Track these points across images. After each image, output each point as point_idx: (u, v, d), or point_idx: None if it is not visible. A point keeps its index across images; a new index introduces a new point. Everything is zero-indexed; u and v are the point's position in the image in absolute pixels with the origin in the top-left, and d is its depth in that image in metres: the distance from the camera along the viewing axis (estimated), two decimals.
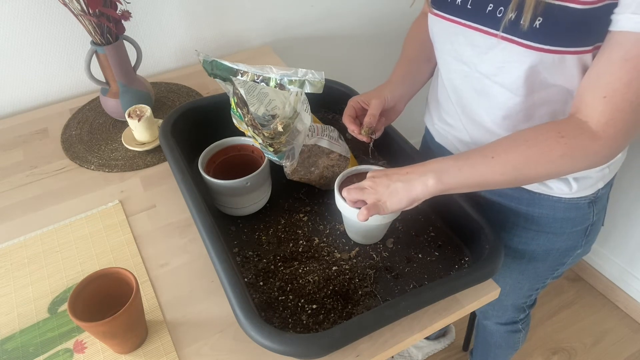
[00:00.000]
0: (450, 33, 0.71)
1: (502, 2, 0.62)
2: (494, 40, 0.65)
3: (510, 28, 0.61)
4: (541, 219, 0.80)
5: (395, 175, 0.66)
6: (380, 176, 0.67)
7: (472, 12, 0.66)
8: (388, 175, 0.67)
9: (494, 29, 0.64)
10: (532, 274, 0.91)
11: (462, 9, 0.67)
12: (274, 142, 0.75)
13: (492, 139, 0.66)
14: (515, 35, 0.61)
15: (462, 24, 0.68)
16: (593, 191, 0.78)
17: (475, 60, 0.69)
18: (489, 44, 0.66)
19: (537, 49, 0.60)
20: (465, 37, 0.69)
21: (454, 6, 0.68)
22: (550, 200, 0.78)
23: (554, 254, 0.86)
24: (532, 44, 0.60)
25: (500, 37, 0.63)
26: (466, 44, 0.69)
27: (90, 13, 0.91)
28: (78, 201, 0.89)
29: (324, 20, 1.43)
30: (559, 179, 0.75)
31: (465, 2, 0.66)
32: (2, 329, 0.69)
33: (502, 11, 0.62)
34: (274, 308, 0.69)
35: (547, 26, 0.58)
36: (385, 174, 0.67)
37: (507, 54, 0.64)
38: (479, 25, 0.66)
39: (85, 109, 1.13)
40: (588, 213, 0.80)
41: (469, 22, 0.67)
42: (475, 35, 0.67)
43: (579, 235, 0.83)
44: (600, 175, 0.76)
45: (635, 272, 1.61)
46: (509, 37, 0.62)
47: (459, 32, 0.69)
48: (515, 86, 0.66)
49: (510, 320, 1.11)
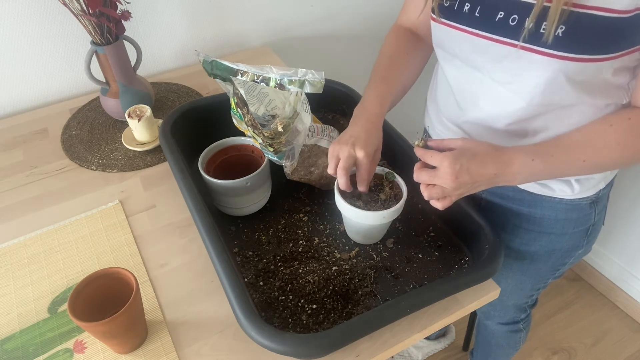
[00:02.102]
0: (459, 41, 0.68)
1: (514, 10, 0.60)
2: (508, 49, 0.62)
3: (529, 37, 0.59)
4: (543, 220, 0.80)
5: (481, 178, 0.61)
6: (464, 174, 0.60)
7: (482, 20, 0.64)
8: (472, 176, 0.61)
9: (507, 38, 0.62)
10: (534, 275, 0.91)
11: (471, 17, 0.65)
12: (274, 142, 0.75)
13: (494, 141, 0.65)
14: (534, 44, 0.59)
15: (472, 32, 0.65)
16: (594, 192, 0.78)
17: (489, 67, 0.67)
18: (504, 52, 0.63)
19: (560, 57, 0.58)
20: (475, 46, 0.66)
21: (461, 14, 0.66)
22: (552, 202, 0.78)
23: (556, 255, 0.86)
24: (555, 52, 0.58)
25: (519, 47, 0.61)
26: (478, 52, 0.67)
27: (90, 13, 0.91)
28: (78, 201, 0.89)
29: (324, 20, 1.43)
30: (561, 180, 0.75)
31: (473, 10, 0.64)
32: (2, 329, 0.69)
33: (515, 19, 0.60)
34: (274, 308, 0.69)
35: (571, 34, 0.57)
36: (469, 172, 0.61)
37: (526, 62, 0.62)
38: (490, 34, 0.63)
39: (85, 109, 1.13)
40: (590, 213, 0.80)
41: (479, 30, 0.64)
42: (487, 44, 0.64)
43: (581, 235, 0.83)
44: (602, 176, 0.76)
45: (635, 272, 1.61)
46: (528, 46, 0.60)
47: (468, 40, 0.66)
48: (531, 94, 0.65)
49: (511, 320, 1.11)
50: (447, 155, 0.61)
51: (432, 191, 0.63)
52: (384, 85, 0.77)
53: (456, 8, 0.66)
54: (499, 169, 0.62)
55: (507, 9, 0.61)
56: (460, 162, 0.61)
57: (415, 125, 1.38)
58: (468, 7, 0.65)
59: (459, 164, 0.60)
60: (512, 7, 0.61)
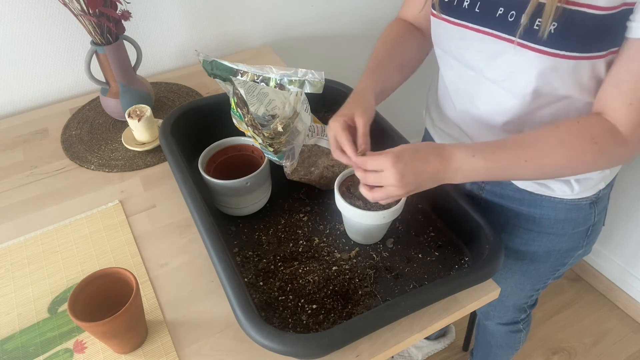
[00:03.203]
0: (456, 37, 0.69)
1: (513, 6, 0.61)
2: (504, 45, 0.63)
3: (524, 33, 0.60)
4: (543, 220, 0.80)
5: (424, 176, 0.62)
6: (408, 173, 0.60)
7: (481, 16, 0.64)
8: (416, 174, 0.61)
9: (505, 34, 0.62)
10: (533, 275, 0.91)
11: (470, 12, 0.65)
12: (274, 142, 0.75)
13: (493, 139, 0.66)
14: (528, 40, 0.60)
15: (471, 28, 0.66)
16: (594, 192, 0.78)
17: (482, 65, 0.68)
18: (500, 49, 0.64)
19: (551, 54, 0.59)
20: (472, 42, 0.67)
21: (460, 10, 0.66)
22: (552, 202, 0.78)
23: (556, 255, 0.86)
24: (547, 49, 0.59)
25: (516, 42, 0.61)
26: (473, 49, 0.67)
27: (90, 13, 0.91)
28: (78, 201, 0.89)
29: (324, 20, 1.43)
30: (561, 180, 0.75)
31: (473, 5, 0.64)
32: (2, 329, 0.69)
33: (513, 15, 0.61)
34: (274, 308, 0.69)
35: (562, 32, 0.57)
36: (413, 172, 0.61)
37: (519, 59, 0.62)
38: (490, 30, 0.64)
39: (85, 109, 1.13)
40: (589, 214, 0.80)
41: (478, 26, 0.65)
42: (485, 40, 0.65)
43: (581, 236, 0.83)
44: (602, 176, 0.76)
45: (636, 272, 1.61)
46: (523, 42, 0.61)
47: (466, 36, 0.67)
48: (523, 92, 0.65)
49: (511, 320, 1.11)
50: (389, 155, 0.61)
51: (376, 194, 0.64)
52: (374, 64, 0.78)
53: (456, 3, 0.67)
54: (440, 164, 0.62)
55: (507, 4, 0.62)
56: (403, 161, 0.60)
57: (416, 125, 1.38)
58: (468, 3, 0.65)
59: (403, 163, 0.60)
60: (511, 3, 0.61)
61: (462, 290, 0.68)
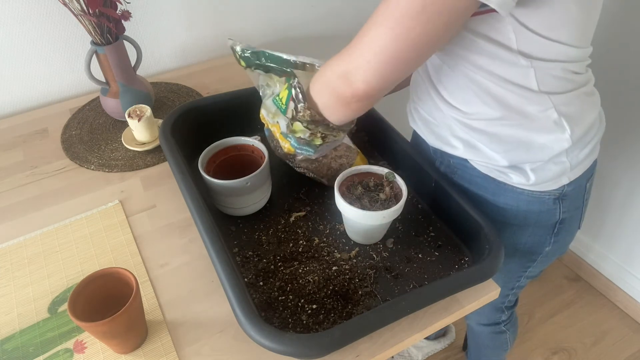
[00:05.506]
0: None
1: None
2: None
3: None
4: (506, 210, 0.81)
5: None
6: None
7: None
8: None
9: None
10: (503, 272, 0.92)
11: None
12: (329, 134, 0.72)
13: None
14: None
15: None
16: (556, 187, 0.77)
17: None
18: None
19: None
20: None
21: None
22: (514, 192, 0.78)
23: (521, 250, 0.86)
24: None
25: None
26: None
27: (90, 13, 0.91)
28: (78, 201, 0.89)
29: (324, 20, 1.43)
30: (516, 168, 0.75)
31: None
32: (2, 329, 0.69)
33: None
34: (274, 308, 0.69)
35: None
36: None
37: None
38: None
39: (85, 109, 1.13)
40: (554, 209, 0.80)
41: None
42: None
43: (545, 231, 0.83)
44: (560, 170, 0.75)
45: (634, 271, 1.62)
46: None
47: None
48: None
49: (491, 321, 1.11)
50: None
51: None
52: None
53: None
54: None
55: None
56: None
57: None
58: None
59: None
60: None
61: (462, 290, 0.68)
